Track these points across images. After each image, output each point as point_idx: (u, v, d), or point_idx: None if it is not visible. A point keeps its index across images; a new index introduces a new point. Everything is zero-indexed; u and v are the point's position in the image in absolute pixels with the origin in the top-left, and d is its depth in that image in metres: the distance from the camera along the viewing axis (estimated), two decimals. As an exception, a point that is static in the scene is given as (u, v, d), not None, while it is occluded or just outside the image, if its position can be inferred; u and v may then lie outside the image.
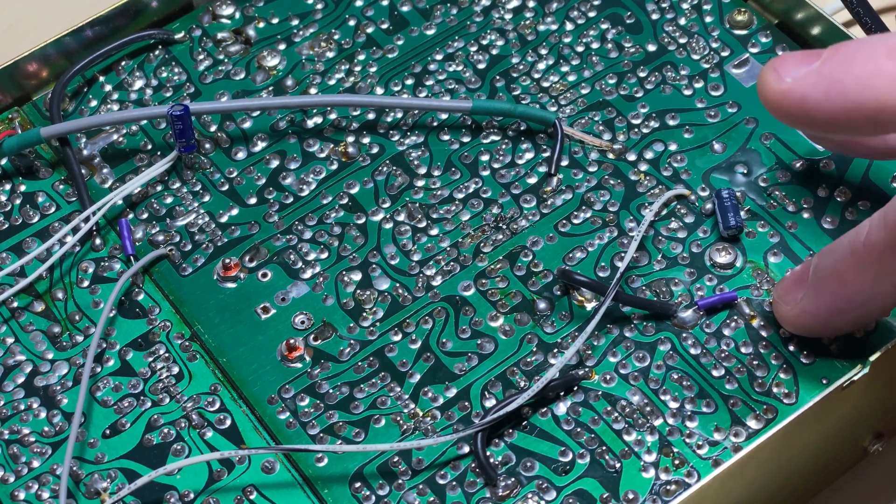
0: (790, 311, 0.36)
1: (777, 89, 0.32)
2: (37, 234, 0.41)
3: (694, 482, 0.35)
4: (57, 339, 0.39)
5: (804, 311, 0.36)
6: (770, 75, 0.33)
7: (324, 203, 0.41)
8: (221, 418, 0.37)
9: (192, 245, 0.40)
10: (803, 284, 0.36)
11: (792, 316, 0.36)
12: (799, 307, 0.36)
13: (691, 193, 0.40)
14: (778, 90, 0.32)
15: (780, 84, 0.32)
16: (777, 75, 0.33)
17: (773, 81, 0.33)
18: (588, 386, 0.37)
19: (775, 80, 0.33)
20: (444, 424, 0.37)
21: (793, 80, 0.32)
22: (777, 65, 0.33)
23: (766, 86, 0.33)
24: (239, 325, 0.39)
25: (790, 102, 0.32)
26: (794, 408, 0.36)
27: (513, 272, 0.39)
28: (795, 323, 0.36)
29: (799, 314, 0.36)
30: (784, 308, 0.37)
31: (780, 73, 0.33)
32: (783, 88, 0.32)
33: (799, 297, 0.36)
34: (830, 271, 0.35)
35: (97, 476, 0.36)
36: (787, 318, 0.37)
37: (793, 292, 0.36)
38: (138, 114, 0.42)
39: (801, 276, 0.36)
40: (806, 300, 0.36)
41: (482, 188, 0.41)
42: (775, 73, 0.33)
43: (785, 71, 0.33)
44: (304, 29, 0.45)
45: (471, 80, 0.43)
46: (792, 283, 0.36)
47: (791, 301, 0.36)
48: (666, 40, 0.44)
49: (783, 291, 0.37)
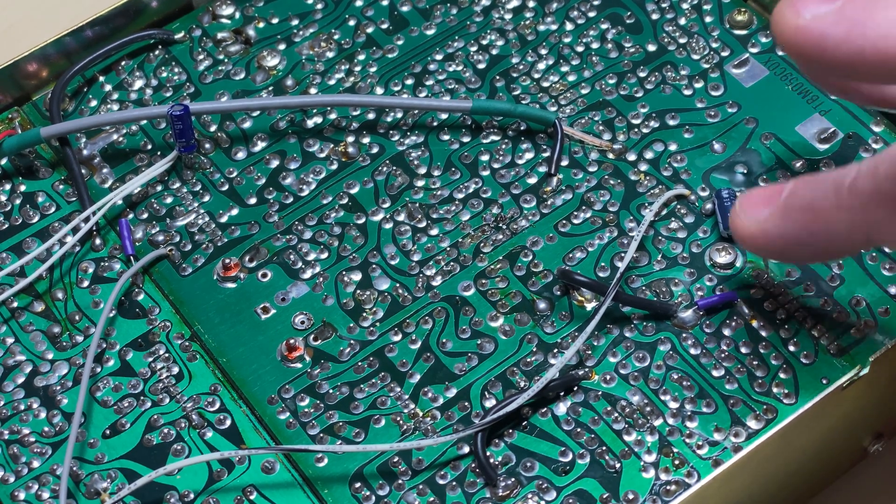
0: (749, 227, 0.34)
1: (794, 24, 0.31)
2: (37, 234, 0.41)
3: (694, 482, 0.35)
4: (57, 339, 0.39)
5: (765, 231, 0.34)
6: (787, 10, 0.31)
7: (324, 203, 0.41)
8: (221, 418, 0.37)
9: (192, 245, 0.40)
10: (770, 203, 0.34)
11: (749, 232, 0.34)
12: (759, 225, 0.34)
13: (691, 193, 0.40)
14: (794, 25, 0.31)
15: (797, 19, 0.31)
16: (795, 10, 0.31)
17: (790, 16, 0.31)
18: (588, 386, 0.37)
19: (793, 16, 0.31)
20: (444, 424, 0.37)
21: (812, 17, 0.31)
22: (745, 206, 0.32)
23: (782, 20, 0.31)
24: (239, 325, 0.39)
25: (806, 39, 0.31)
26: (794, 408, 0.36)
27: (513, 272, 0.39)
28: (751, 241, 0.35)
29: (757, 233, 0.34)
30: (744, 220, 0.35)
31: (799, 8, 0.31)
32: (801, 24, 0.31)
33: (763, 216, 0.34)
34: (805, 203, 0.33)
35: (97, 476, 0.36)
36: (744, 232, 0.35)
37: (757, 207, 0.34)
38: (138, 114, 0.42)
39: (771, 196, 0.34)
40: (770, 222, 0.34)
41: (482, 188, 0.41)
42: (793, 7, 0.31)
43: (804, 7, 0.31)
44: (304, 29, 0.45)
45: (471, 80, 0.43)
46: (759, 198, 0.34)
47: (753, 217, 0.34)
48: (666, 40, 0.44)
49: (748, 205, 0.35)
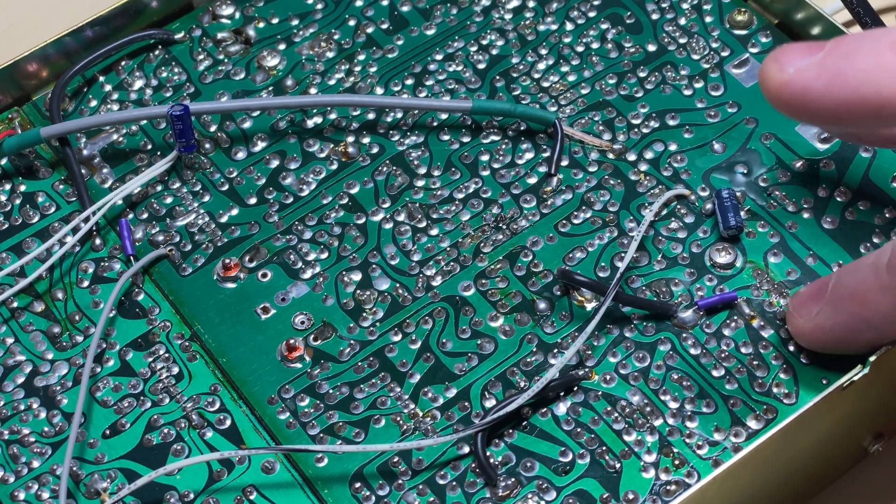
0: (804, 325, 0.36)
1: (779, 80, 0.32)
2: (37, 234, 0.41)
3: (694, 482, 0.35)
4: (57, 340, 0.39)
5: (819, 326, 0.35)
6: (772, 66, 0.32)
7: (324, 203, 0.41)
8: (221, 418, 0.37)
9: (192, 245, 0.40)
10: (820, 299, 0.35)
11: (806, 330, 0.36)
12: (814, 322, 0.35)
13: (691, 193, 0.40)
14: (780, 80, 0.32)
15: (781, 75, 0.32)
16: (779, 66, 0.32)
17: (774, 72, 0.32)
18: (588, 386, 0.37)
19: (777, 71, 0.32)
20: (444, 424, 0.37)
21: (795, 71, 0.32)
22: (779, 55, 0.32)
23: (768, 76, 0.32)
24: (239, 325, 0.39)
25: (791, 94, 0.32)
26: (794, 408, 0.36)
27: (513, 272, 0.39)
28: (809, 338, 0.36)
29: (813, 329, 0.35)
30: (798, 322, 0.36)
31: (782, 63, 0.32)
32: (785, 79, 0.32)
33: (814, 312, 0.35)
34: (851, 290, 0.34)
35: (97, 476, 0.36)
36: (800, 331, 0.36)
37: (809, 306, 0.35)
38: (138, 114, 0.42)
39: (819, 291, 0.35)
40: (822, 316, 0.35)
41: (482, 188, 0.41)
42: (777, 63, 0.32)
43: (787, 61, 0.32)
44: (304, 29, 0.45)
45: (471, 80, 0.43)
46: (808, 296, 0.36)
47: (806, 315, 0.35)
48: (666, 40, 0.44)
49: (799, 304, 0.36)
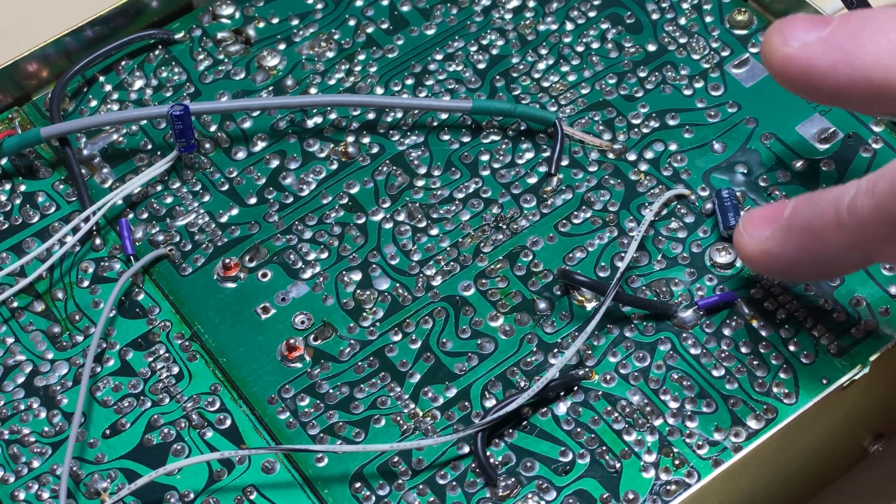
0: (751, 246, 0.35)
1: (782, 52, 0.31)
2: (37, 234, 0.41)
3: (694, 482, 0.35)
4: (57, 339, 0.39)
5: (766, 251, 0.34)
6: (776, 37, 0.31)
7: (324, 203, 0.41)
8: (221, 418, 0.37)
9: (192, 245, 0.40)
10: (772, 223, 0.34)
11: (751, 251, 0.35)
12: (761, 245, 0.34)
13: (691, 193, 0.40)
14: (783, 54, 0.31)
15: (785, 48, 0.31)
16: (783, 38, 0.31)
17: (778, 44, 0.31)
18: (588, 386, 0.37)
19: (780, 43, 0.31)
20: (444, 424, 0.37)
21: (799, 46, 0.31)
22: (784, 27, 0.31)
23: (771, 48, 0.31)
24: (239, 325, 0.39)
25: (794, 68, 0.31)
26: (795, 408, 0.36)
27: (513, 272, 0.39)
28: (753, 260, 0.35)
29: (759, 252, 0.35)
30: (746, 241, 0.35)
31: (787, 36, 0.31)
32: (788, 53, 0.31)
33: (765, 235, 0.34)
34: (806, 222, 0.33)
35: (97, 476, 0.36)
36: (746, 251, 0.35)
37: (760, 227, 0.35)
38: (138, 114, 0.42)
39: (773, 215, 0.34)
40: (771, 241, 0.34)
41: (482, 188, 0.41)
42: (781, 35, 0.31)
43: (792, 34, 0.31)
44: (304, 29, 0.45)
45: (471, 80, 0.43)
46: (762, 218, 0.35)
47: (755, 236, 0.35)
48: (666, 40, 0.44)
49: (750, 224, 0.35)
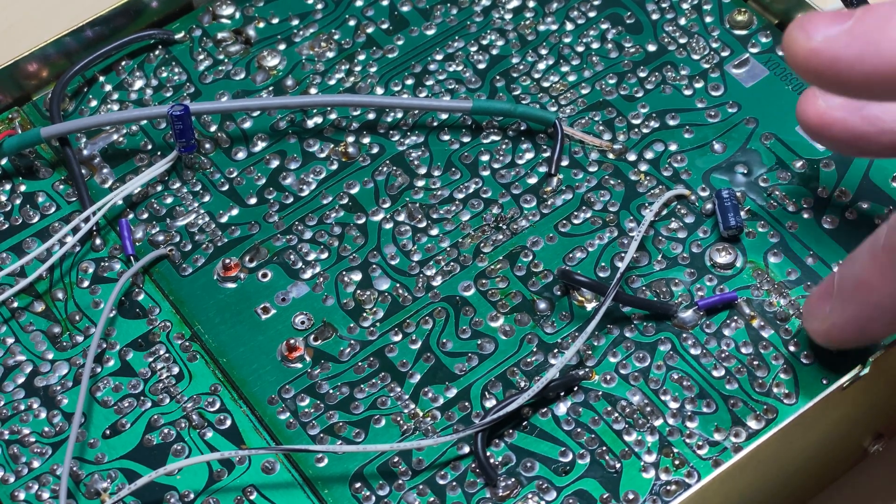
0: (820, 326, 0.36)
1: (806, 47, 0.31)
2: (37, 234, 0.41)
3: (694, 482, 0.35)
4: (57, 340, 0.39)
5: (834, 324, 0.35)
6: (798, 33, 0.31)
7: (324, 203, 0.41)
8: (221, 418, 0.37)
9: (192, 245, 0.40)
10: (829, 297, 0.35)
11: (823, 330, 0.36)
12: (829, 321, 0.35)
13: (691, 193, 0.40)
14: (808, 48, 0.31)
15: (809, 42, 0.31)
16: (805, 33, 0.31)
17: (801, 40, 0.31)
18: (588, 386, 0.37)
19: (804, 38, 0.31)
20: (444, 425, 0.37)
21: (823, 39, 0.30)
22: (805, 23, 0.31)
23: (794, 44, 0.31)
24: (239, 325, 0.39)
25: (820, 62, 0.30)
26: (795, 408, 0.36)
27: (513, 272, 0.39)
28: (827, 336, 0.36)
29: (829, 328, 0.35)
30: (814, 324, 0.36)
31: (809, 31, 0.31)
32: (813, 47, 0.30)
33: (827, 311, 0.35)
34: (854, 280, 0.34)
35: (97, 476, 0.36)
36: (818, 332, 0.36)
37: (820, 306, 0.35)
38: (138, 114, 0.42)
39: (827, 290, 0.35)
40: (834, 313, 0.35)
41: (482, 188, 0.41)
42: (803, 31, 0.31)
43: (814, 29, 0.31)
44: (304, 29, 0.45)
45: (471, 80, 0.43)
46: (818, 297, 0.36)
47: (820, 315, 0.35)
48: (666, 40, 0.44)
49: (811, 307, 0.36)
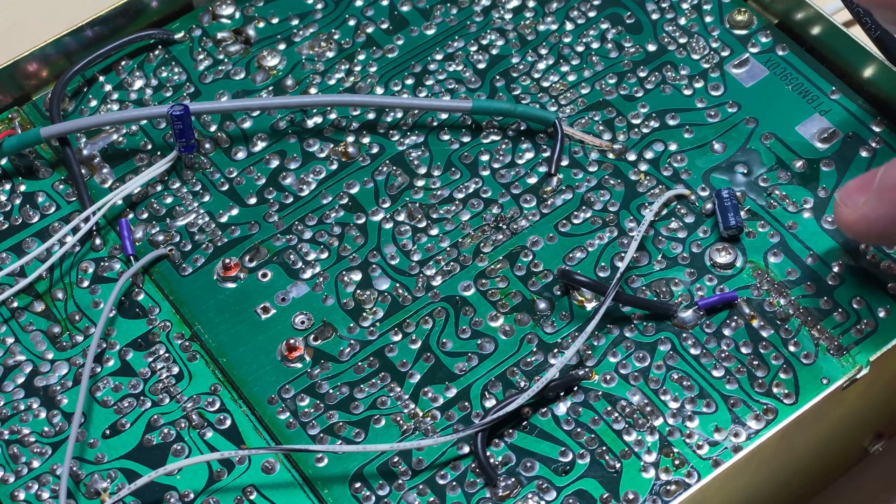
0: (850, 215, 0.37)
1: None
2: (37, 234, 0.41)
3: (694, 482, 0.35)
4: (57, 339, 0.39)
5: (864, 216, 0.36)
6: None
7: (324, 203, 0.41)
8: (221, 418, 0.37)
9: (192, 245, 0.40)
10: (867, 189, 0.36)
11: (851, 220, 0.37)
12: (859, 212, 0.36)
13: (691, 193, 0.40)
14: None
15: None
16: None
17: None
18: (588, 386, 0.37)
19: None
20: (444, 424, 0.37)
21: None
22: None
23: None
24: (239, 325, 0.39)
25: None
26: (794, 408, 0.36)
27: (513, 272, 0.39)
28: (854, 227, 0.37)
29: (858, 219, 0.36)
30: (844, 211, 0.37)
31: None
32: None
33: (860, 202, 0.36)
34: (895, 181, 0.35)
35: (97, 476, 0.36)
36: (846, 221, 0.37)
37: (855, 196, 0.37)
38: (138, 114, 0.42)
39: (866, 182, 0.36)
40: (867, 206, 0.36)
41: (482, 188, 0.41)
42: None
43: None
44: (304, 29, 0.45)
45: (471, 79, 0.43)
46: (856, 187, 0.37)
47: (852, 204, 0.37)
48: (666, 40, 0.44)
49: (845, 194, 0.37)
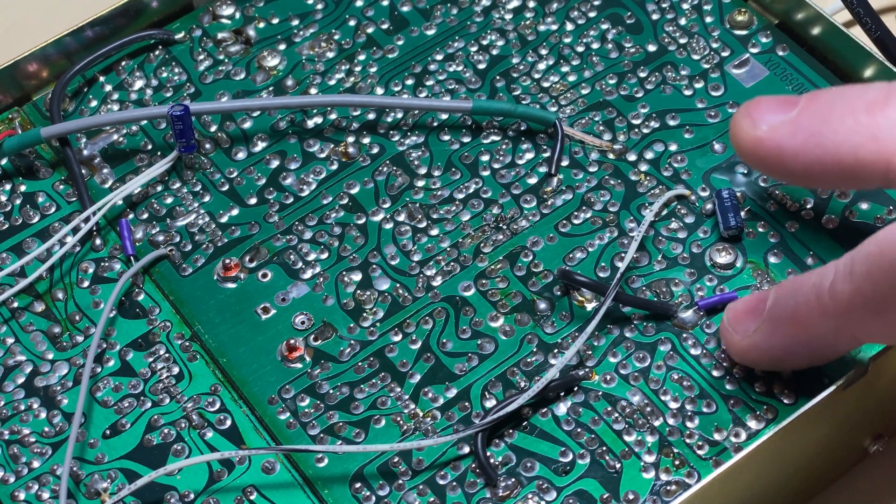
0: (739, 343, 0.35)
1: (751, 136, 0.31)
2: (37, 235, 0.41)
3: (694, 482, 0.35)
4: (57, 340, 0.39)
5: (755, 345, 0.34)
6: (744, 120, 0.31)
7: (324, 203, 0.41)
8: (221, 419, 0.37)
9: (192, 245, 0.40)
10: (757, 317, 0.34)
11: (740, 348, 0.35)
12: (749, 340, 0.34)
13: (691, 193, 0.40)
14: (752, 137, 0.31)
15: (754, 131, 0.31)
16: (751, 121, 0.31)
17: (747, 127, 0.31)
18: (588, 386, 0.37)
19: (749, 127, 0.31)
20: (444, 425, 0.37)
21: (768, 129, 0.31)
22: (751, 109, 0.31)
23: (740, 132, 0.31)
24: (239, 325, 0.39)
25: (765, 151, 0.31)
26: (795, 408, 0.36)
27: (513, 272, 0.39)
28: (743, 355, 0.35)
29: (748, 347, 0.35)
30: (733, 337, 0.35)
31: (755, 118, 0.31)
32: (758, 136, 0.31)
33: (751, 329, 0.34)
34: (790, 312, 0.33)
35: (97, 476, 0.36)
36: (734, 348, 0.35)
37: (745, 322, 0.34)
38: (138, 114, 0.42)
39: (756, 307, 0.34)
40: (758, 335, 0.34)
41: (482, 188, 0.41)
42: (749, 118, 0.31)
43: (760, 117, 0.31)
44: (304, 29, 0.45)
45: (471, 80, 0.43)
46: (745, 312, 0.35)
47: (741, 331, 0.35)
48: (666, 40, 0.44)
49: (735, 320, 0.35)
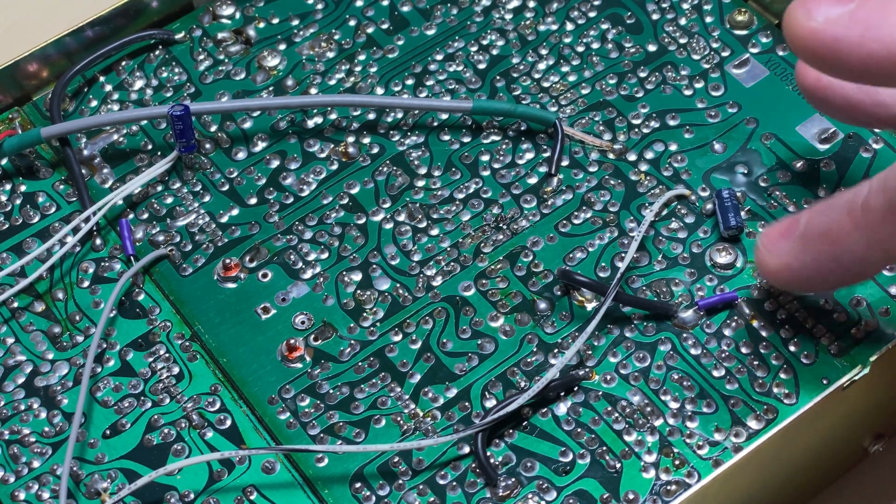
0: (772, 262, 0.35)
1: (807, 27, 0.30)
2: (37, 235, 0.41)
3: (694, 482, 0.35)
4: (57, 340, 0.39)
5: (787, 265, 0.34)
6: (799, 11, 0.30)
7: (324, 203, 0.41)
8: (222, 418, 0.37)
9: (192, 245, 0.40)
10: (790, 236, 0.34)
11: (773, 267, 0.35)
12: (782, 260, 0.34)
13: (692, 193, 0.40)
14: (808, 28, 0.30)
15: (810, 22, 0.30)
16: (807, 11, 0.30)
17: (802, 18, 0.30)
18: (588, 386, 0.37)
19: (805, 17, 0.30)
20: (444, 425, 0.37)
21: (825, 20, 0.30)
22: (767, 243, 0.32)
23: (795, 22, 0.30)
24: (239, 325, 0.39)
25: (821, 43, 0.30)
26: (795, 408, 0.36)
27: (513, 272, 0.39)
28: (776, 275, 0.35)
29: (781, 267, 0.35)
30: (767, 257, 0.35)
31: (811, 10, 0.30)
32: (814, 27, 0.30)
33: (784, 249, 0.34)
34: (822, 229, 0.33)
35: (97, 476, 0.36)
36: (768, 268, 0.35)
37: (779, 243, 0.35)
38: (138, 114, 0.42)
39: (790, 228, 0.34)
40: (791, 254, 0.34)
41: (482, 188, 0.41)
42: (805, 9, 0.30)
43: (816, 7, 0.30)
44: (304, 29, 0.45)
45: (471, 80, 0.43)
46: (779, 232, 0.35)
47: (775, 251, 0.35)
48: (666, 40, 0.44)
49: (768, 241, 0.35)
